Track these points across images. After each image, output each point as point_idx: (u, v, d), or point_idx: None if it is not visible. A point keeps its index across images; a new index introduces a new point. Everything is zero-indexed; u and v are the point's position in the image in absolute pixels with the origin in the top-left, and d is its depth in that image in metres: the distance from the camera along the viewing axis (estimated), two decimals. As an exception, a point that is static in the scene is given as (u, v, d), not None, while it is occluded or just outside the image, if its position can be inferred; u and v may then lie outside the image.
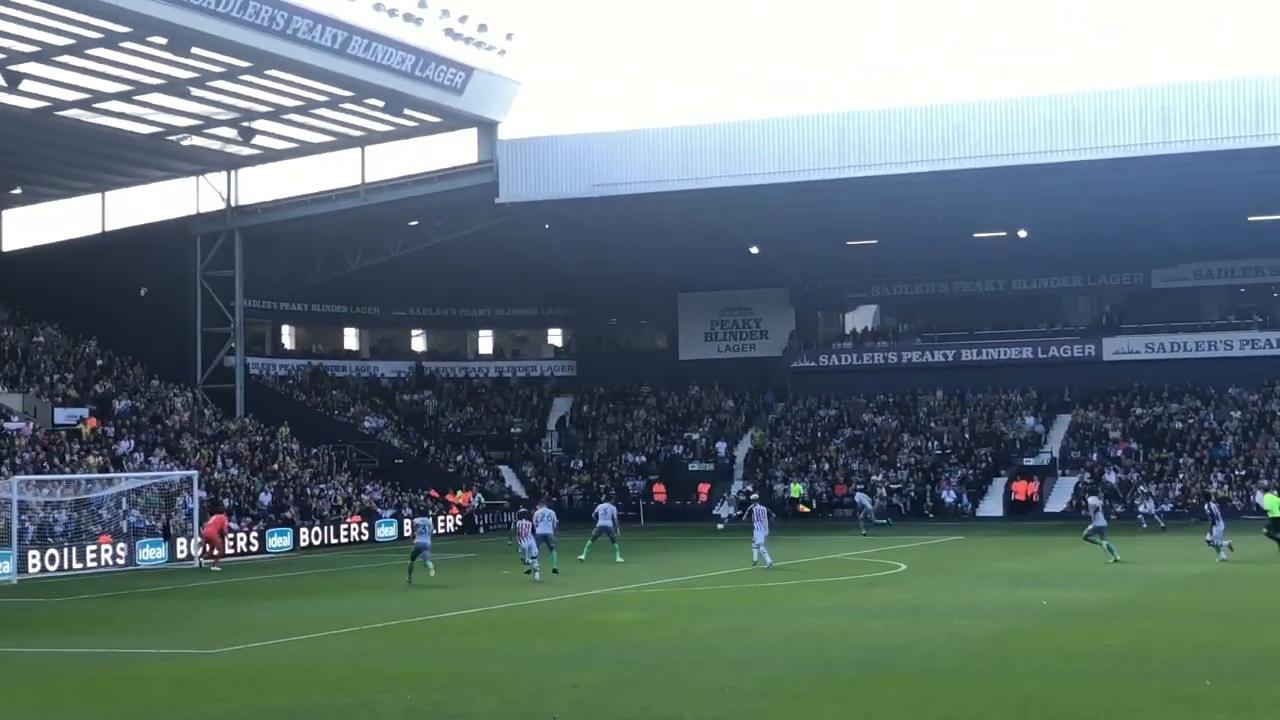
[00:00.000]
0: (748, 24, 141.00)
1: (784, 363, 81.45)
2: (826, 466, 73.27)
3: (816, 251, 76.31)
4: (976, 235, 72.32)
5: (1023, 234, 70.60)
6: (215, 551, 48.15)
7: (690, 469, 75.63)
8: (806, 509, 69.39)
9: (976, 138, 60.31)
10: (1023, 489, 68.31)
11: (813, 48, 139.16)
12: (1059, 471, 70.36)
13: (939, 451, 73.27)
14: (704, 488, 73.15)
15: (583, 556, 44.04)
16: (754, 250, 74.07)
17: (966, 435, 74.32)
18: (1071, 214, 66.92)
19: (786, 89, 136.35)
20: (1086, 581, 35.60)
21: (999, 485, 69.83)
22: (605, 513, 46.23)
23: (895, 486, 70.17)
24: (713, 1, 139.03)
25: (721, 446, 76.52)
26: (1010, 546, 49.76)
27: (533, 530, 40.11)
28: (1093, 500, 43.87)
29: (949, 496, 68.86)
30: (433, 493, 67.62)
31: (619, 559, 44.15)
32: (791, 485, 71.15)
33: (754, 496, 57.03)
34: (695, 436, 78.13)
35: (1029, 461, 71.03)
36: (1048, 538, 53.19)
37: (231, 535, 51.69)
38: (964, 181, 61.98)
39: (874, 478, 70.69)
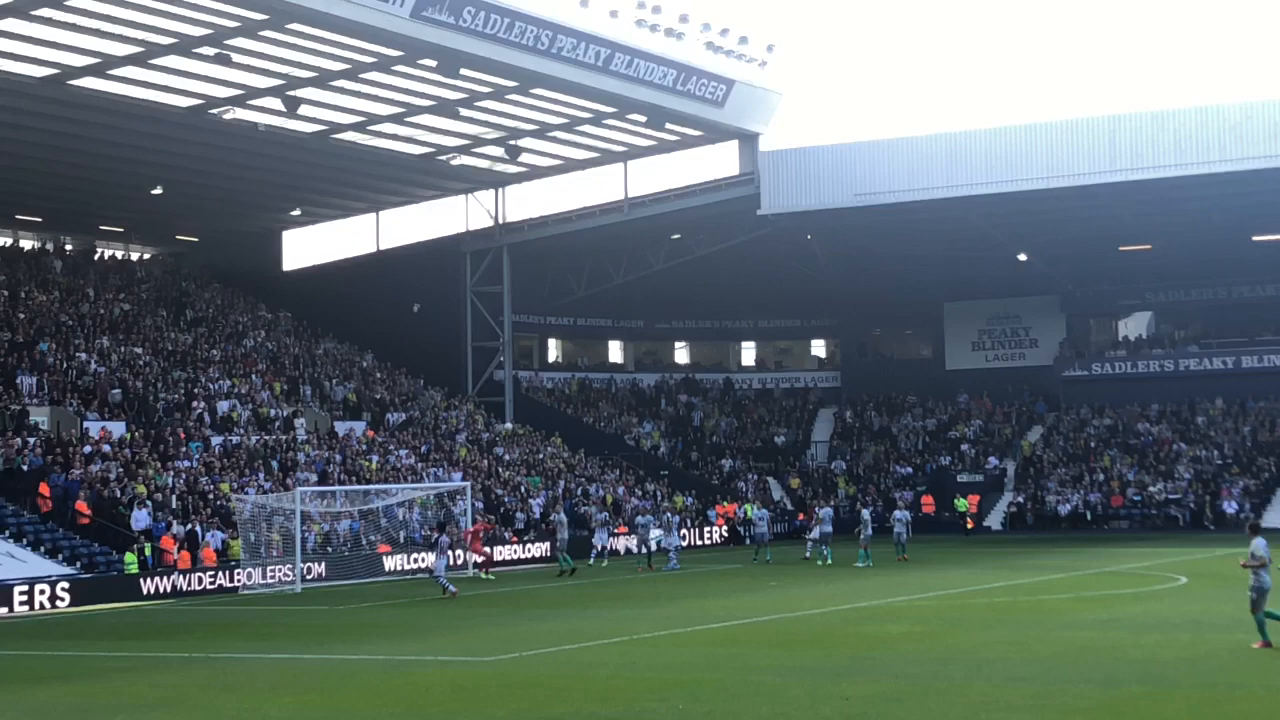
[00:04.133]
0: (1012, 27, 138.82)
1: (1055, 372, 79.86)
2: (1101, 477, 71.57)
3: (1088, 257, 74.60)
4: (1256, 238, 69.86)
5: (1305, 235, 68.06)
6: (480, 560, 49.08)
7: (959, 480, 74.60)
8: (971, 524, 68.62)
9: (1255, 138, 58.30)
10: (1308, 500, 65.82)
11: (1081, 49, 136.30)
12: (1347, 481, 67.57)
13: (1219, 461, 70.98)
14: (973, 499, 72.09)
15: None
16: (1022, 257, 72.78)
17: (1248, 444, 71.86)
18: (1357, 213, 64.30)
19: (1053, 92, 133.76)
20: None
21: (1282, 496, 67.36)
22: (900, 520, 52.36)
23: (1172, 496, 68.03)
24: (974, 6, 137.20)
25: (993, 459, 75.29)
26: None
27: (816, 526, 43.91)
28: None
29: (1230, 507, 66.60)
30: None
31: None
32: (956, 500, 69.95)
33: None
34: (964, 447, 77.05)
35: (1314, 471, 68.34)
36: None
37: (491, 541, 52.29)
38: (1241, 183, 59.99)
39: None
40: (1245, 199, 62.72)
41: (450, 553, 46.42)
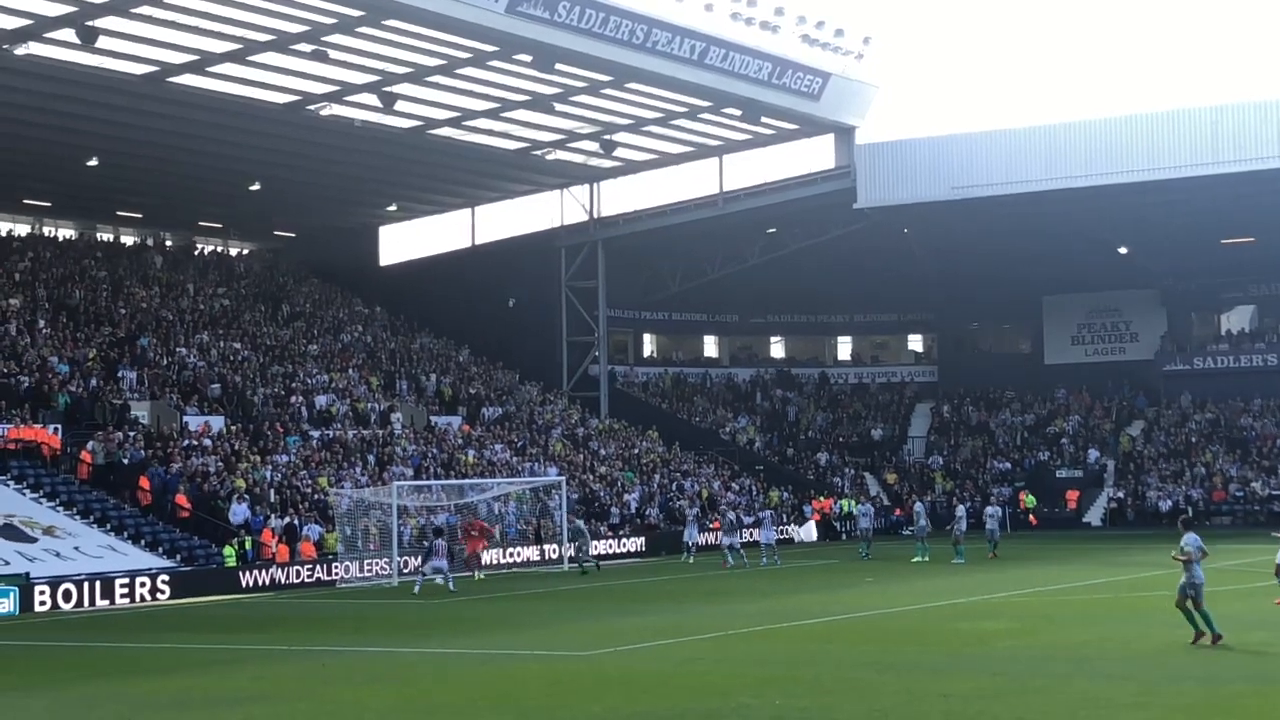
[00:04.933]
0: (1112, 16, 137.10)
1: (1156, 366, 78.81)
2: (1202, 472, 70.54)
3: (1189, 250, 73.53)
4: (1362, 230, 68.62)
5: None
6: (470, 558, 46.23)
7: (1058, 475, 73.77)
8: (1036, 520, 67.85)
9: (1361, 127, 57.26)
10: None
11: (1184, 39, 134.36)
12: None
13: (1323, 456, 69.79)
14: (1072, 495, 71.22)
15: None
16: (1122, 250, 71.88)
17: (1353, 439, 70.61)
18: None
19: (1154, 82, 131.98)
20: None
21: (1389, 492, 66.11)
22: (993, 515, 52.20)
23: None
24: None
25: (1093, 453, 74.36)
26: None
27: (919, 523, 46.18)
28: None
29: (1334, 503, 65.48)
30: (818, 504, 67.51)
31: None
32: (1025, 496, 68.95)
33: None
34: (1063, 442, 76.20)
35: None
36: None
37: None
38: (1348, 173, 58.93)
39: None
40: (1352, 190, 61.61)
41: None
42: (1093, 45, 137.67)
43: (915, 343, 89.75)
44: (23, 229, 68.79)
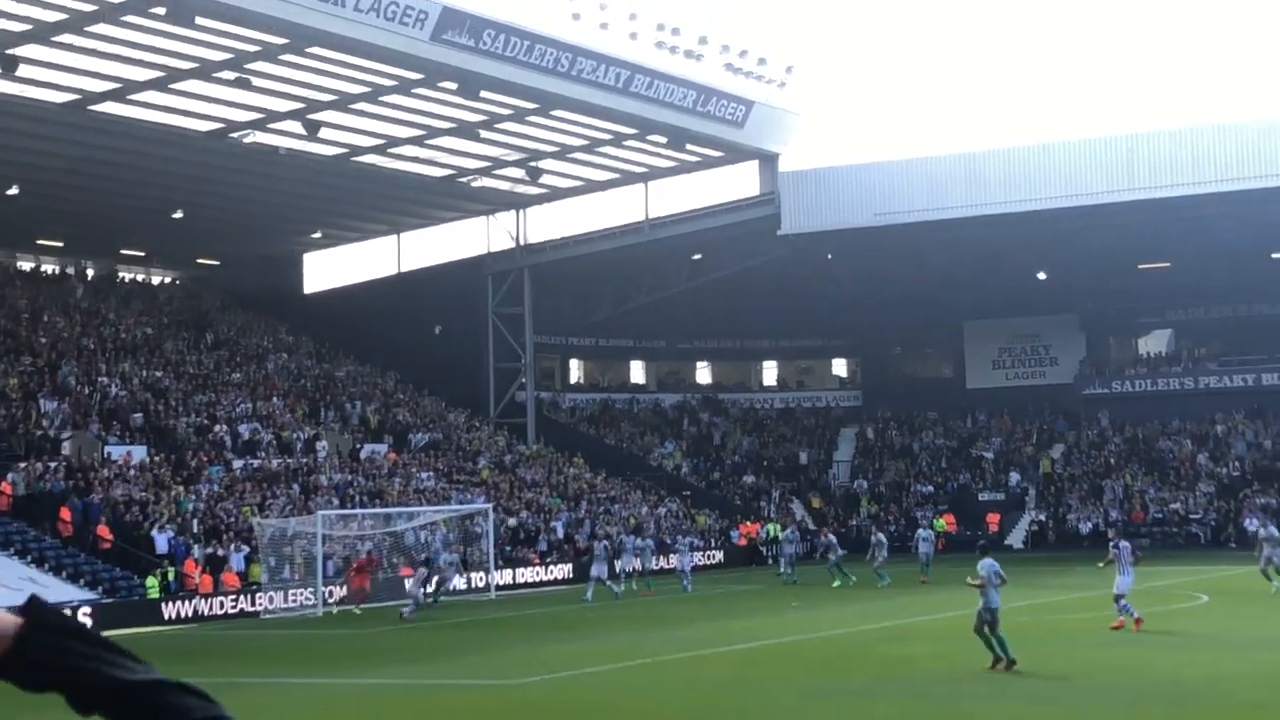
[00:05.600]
0: (1030, 46, 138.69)
1: (1075, 390, 79.75)
2: (1122, 493, 71.37)
3: (1107, 276, 74.51)
4: (1274, 255, 69.69)
5: (1324, 253, 67.86)
6: (356, 594, 46.01)
7: (980, 498, 74.42)
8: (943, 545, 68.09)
9: (1273, 155, 58.22)
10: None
11: (1099, 68, 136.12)
12: (1370, 497, 67.31)
13: (1239, 477, 70.73)
14: (994, 517, 71.88)
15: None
16: (1041, 276, 72.71)
17: (1269, 460, 71.61)
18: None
19: (1072, 111, 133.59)
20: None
21: (1305, 513, 67.00)
22: (925, 539, 53.09)
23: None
24: (991, 25, 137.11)
25: (1014, 476, 75.09)
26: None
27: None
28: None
29: (1251, 524, 66.19)
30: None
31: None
32: (936, 521, 69.16)
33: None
34: (985, 466, 76.93)
35: (1337, 488, 68.10)
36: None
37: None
38: (1259, 200, 59.85)
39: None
40: (1264, 216, 62.57)
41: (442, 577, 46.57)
42: (1011, 74, 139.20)
43: (840, 367, 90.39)
44: (-59, 258, 68.08)
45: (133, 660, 2.76)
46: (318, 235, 75.26)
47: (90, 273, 73.67)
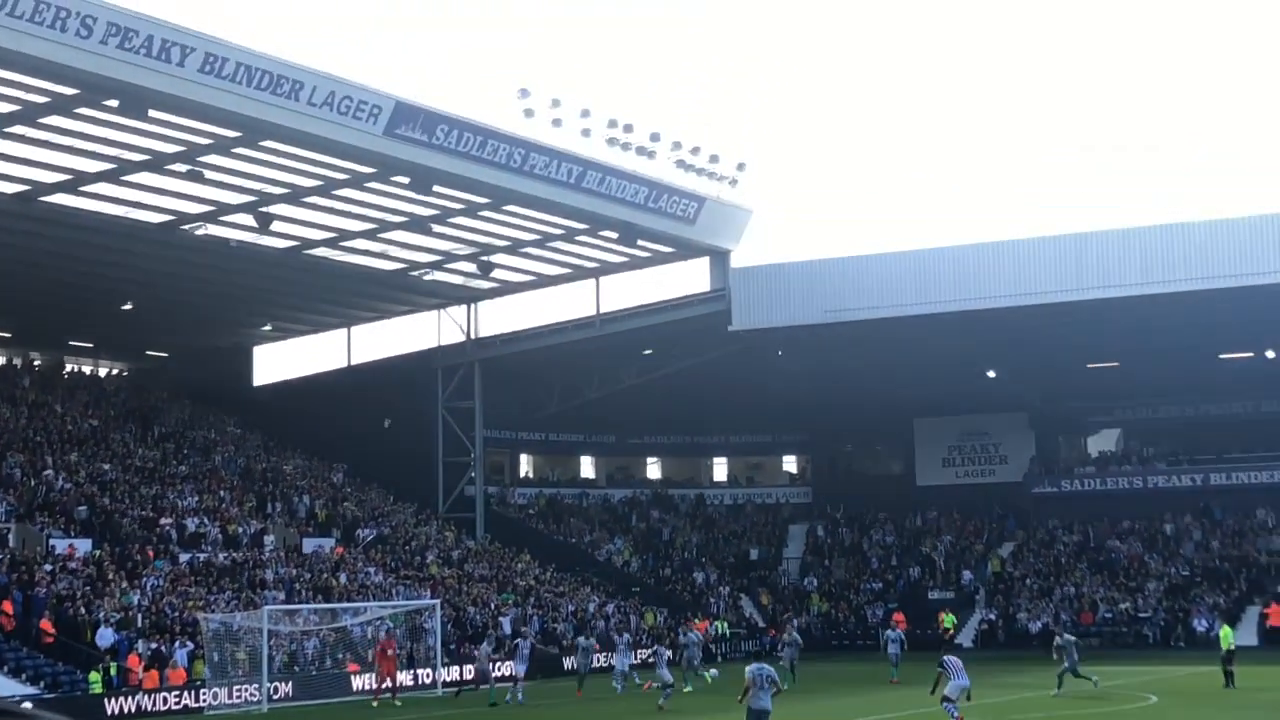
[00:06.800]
0: (976, 146, 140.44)
1: (1025, 488, 80.00)
2: (1072, 592, 71.39)
3: (1056, 374, 74.98)
4: (1222, 356, 70.34)
5: (1271, 354, 68.36)
6: (390, 683, 46.19)
7: (930, 596, 74.31)
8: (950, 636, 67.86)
9: (1221, 257, 58.78)
10: (1277, 616, 65.64)
11: (1048, 168, 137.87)
12: (1318, 599, 67.51)
13: (1188, 577, 70.91)
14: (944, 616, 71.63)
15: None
16: (991, 374, 73.11)
17: (1217, 561, 71.87)
18: (1322, 332, 64.72)
19: (1022, 210, 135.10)
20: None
21: (1253, 613, 67.17)
22: (895, 639, 51.78)
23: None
24: (942, 124, 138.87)
25: (966, 575, 75.01)
26: (1263, 676, 47.65)
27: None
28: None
29: (1200, 625, 66.42)
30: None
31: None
32: (944, 616, 68.89)
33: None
34: (935, 562, 76.89)
35: (1285, 588, 68.28)
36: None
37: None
38: (1208, 301, 60.37)
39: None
40: (1212, 317, 63.13)
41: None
42: (963, 173, 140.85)
43: (790, 464, 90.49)
44: (-114, 348, 67.47)
45: None
46: (268, 328, 75.02)
47: (37, 364, 73.15)
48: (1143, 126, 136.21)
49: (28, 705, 37.88)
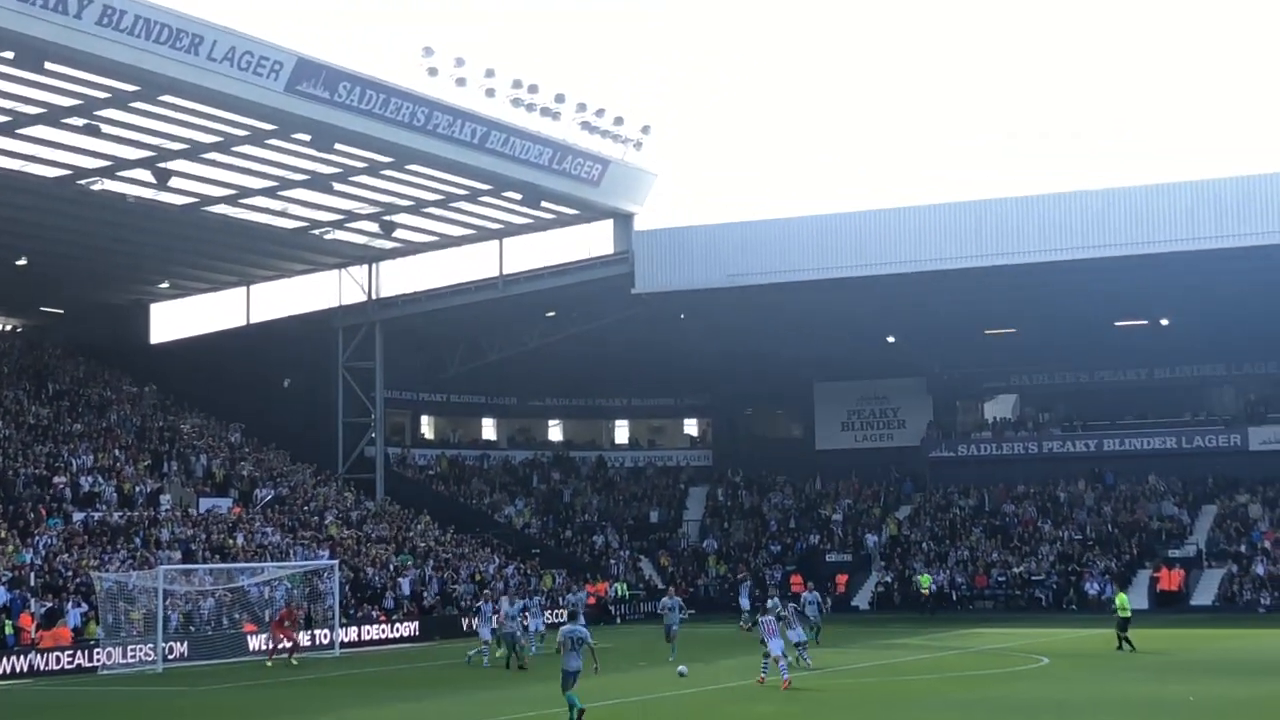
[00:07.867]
0: (879, 113, 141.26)
1: (922, 452, 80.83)
2: (966, 555, 72.32)
3: (954, 340, 75.69)
4: (1118, 324, 71.30)
5: (1165, 322, 69.48)
6: (286, 644, 46.37)
7: (828, 559, 74.99)
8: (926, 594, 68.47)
9: (1117, 225, 59.54)
10: (1168, 580, 66.92)
11: (947, 135, 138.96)
12: (1205, 563, 68.84)
13: (1081, 542, 72.03)
14: (842, 578, 72.42)
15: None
16: (891, 340, 73.68)
17: (1109, 526, 73.04)
18: (1214, 302, 65.75)
19: (921, 177, 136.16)
20: (1235, 675, 34.74)
21: (1144, 577, 68.35)
22: (812, 602, 48.72)
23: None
24: (845, 90, 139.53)
25: (871, 538, 75.68)
26: (1154, 639, 48.59)
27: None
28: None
29: (1092, 588, 67.54)
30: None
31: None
32: (920, 576, 69.82)
33: (772, 605, 41.09)
34: (833, 527, 77.58)
35: (1174, 553, 69.55)
36: (1193, 630, 52.00)
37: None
38: (1104, 270, 61.16)
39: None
40: (1107, 285, 63.94)
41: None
42: (865, 139, 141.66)
43: (691, 427, 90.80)
44: None
45: None
46: (165, 285, 74.11)
47: (-72, 320, 71.91)
48: (1041, 93, 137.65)
49: None
